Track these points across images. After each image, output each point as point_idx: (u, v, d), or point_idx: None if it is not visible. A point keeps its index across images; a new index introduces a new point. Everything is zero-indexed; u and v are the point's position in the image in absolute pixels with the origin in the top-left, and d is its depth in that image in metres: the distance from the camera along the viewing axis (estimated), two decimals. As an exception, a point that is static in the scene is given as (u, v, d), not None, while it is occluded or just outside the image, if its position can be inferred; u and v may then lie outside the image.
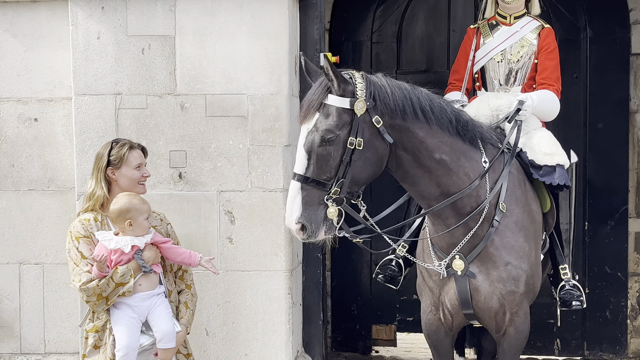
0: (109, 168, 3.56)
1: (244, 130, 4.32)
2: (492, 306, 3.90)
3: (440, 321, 4.03)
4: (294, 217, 3.38)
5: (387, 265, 4.52)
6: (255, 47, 4.30)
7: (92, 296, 3.39)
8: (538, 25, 4.72)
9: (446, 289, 3.92)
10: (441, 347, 4.17)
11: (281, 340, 4.36)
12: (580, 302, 4.29)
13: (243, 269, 4.36)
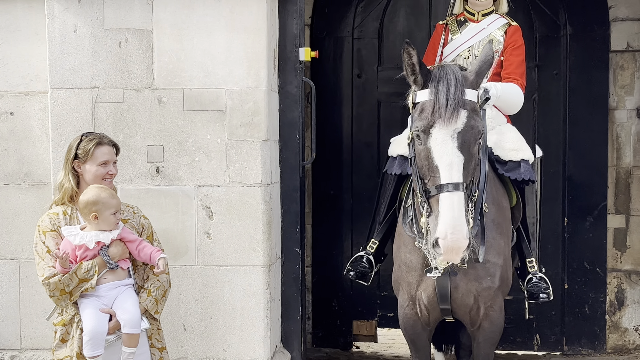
0: (76, 161, 3.52)
1: (222, 124, 4.29)
2: (469, 302, 3.93)
3: (417, 316, 4.04)
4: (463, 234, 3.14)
5: (358, 262, 4.54)
6: (234, 41, 4.26)
7: (55, 291, 3.34)
8: (505, 22, 4.76)
9: (424, 286, 3.93)
10: (418, 341, 4.18)
11: (259, 336, 4.33)
12: (547, 295, 4.33)
13: (221, 264, 4.33)
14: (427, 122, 3.26)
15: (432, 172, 3.26)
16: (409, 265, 3.95)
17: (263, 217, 4.29)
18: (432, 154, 3.25)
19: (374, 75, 6.56)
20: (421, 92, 3.38)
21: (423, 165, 3.31)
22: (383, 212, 4.53)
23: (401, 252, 4.01)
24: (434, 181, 3.24)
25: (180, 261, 4.33)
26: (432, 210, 3.25)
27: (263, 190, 4.29)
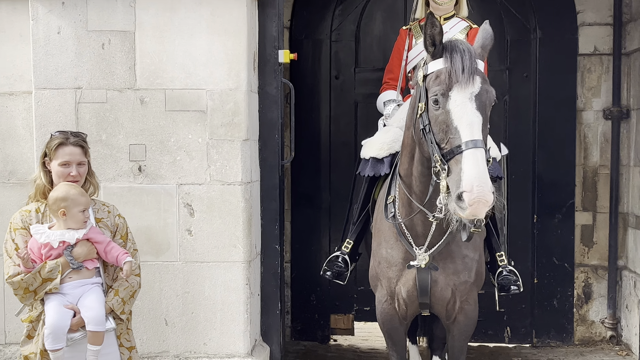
0: (46, 159, 3.48)
1: (203, 124, 4.28)
2: (446, 296, 3.95)
3: (395, 310, 4.06)
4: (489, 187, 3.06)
5: (334, 262, 4.55)
6: (215, 43, 4.25)
7: (19, 290, 3.31)
8: (466, 25, 4.82)
9: (404, 280, 3.95)
10: (395, 335, 4.20)
11: (239, 330, 4.33)
12: (517, 287, 4.38)
13: (202, 260, 4.32)
14: (445, 86, 3.25)
15: (451, 133, 3.21)
16: (390, 260, 3.97)
17: (243, 215, 4.29)
18: (452, 116, 3.22)
19: (351, 77, 6.58)
20: (435, 62, 3.37)
21: (440, 130, 3.26)
22: (357, 213, 4.56)
23: (382, 249, 4.01)
24: (453, 142, 3.19)
25: (162, 257, 4.32)
26: (452, 170, 3.17)
27: (243, 189, 4.29)
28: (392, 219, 3.92)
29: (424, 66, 3.46)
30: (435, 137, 3.28)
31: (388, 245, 3.97)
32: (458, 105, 3.21)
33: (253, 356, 4.38)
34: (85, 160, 3.50)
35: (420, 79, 3.45)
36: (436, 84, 3.30)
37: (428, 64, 3.42)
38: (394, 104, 4.76)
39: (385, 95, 4.87)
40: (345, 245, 4.57)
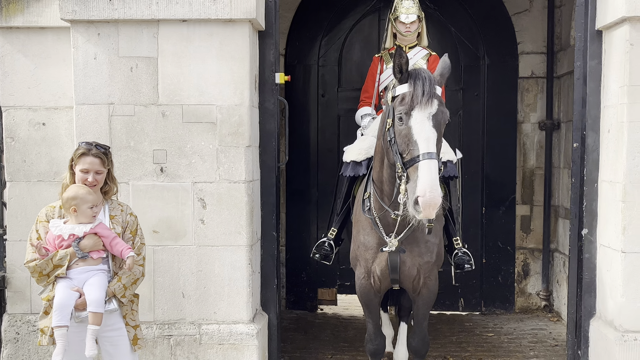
0: (72, 163, 3.42)
1: (213, 133, 4.24)
2: (413, 274, 3.96)
3: (371, 285, 4.06)
4: (438, 193, 3.07)
5: (322, 246, 4.57)
6: (223, 67, 4.21)
7: (34, 273, 3.28)
8: (427, 53, 4.84)
9: (378, 261, 3.96)
10: (371, 305, 4.20)
11: (243, 301, 4.30)
12: (470, 265, 4.40)
13: (212, 245, 4.28)
14: (408, 106, 3.23)
15: (410, 146, 3.19)
16: (367, 245, 3.97)
17: (246, 207, 4.26)
18: (412, 131, 3.20)
19: (335, 95, 6.57)
20: (401, 86, 3.35)
21: (402, 142, 3.23)
22: (339, 206, 4.57)
23: (360, 236, 4.01)
24: (412, 153, 3.18)
25: (180, 242, 4.28)
26: (410, 177, 3.16)
27: (246, 186, 4.26)
28: (367, 212, 3.92)
29: (392, 89, 3.44)
30: (398, 148, 3.27)
31: (365, 233, 3.98)
32: (418, 122, 3.20)
33: (254, 322, 4.35)
34: (102, 170, 3.41)
35: (389, 100, 3.44)
36: (402, 104, 3.29)
37: (396, 87, 3.40)
38: (369, 117, 4.78)
39: (362, 111, 4.88)
40: (330, 233, 4.58)
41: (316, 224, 6.43)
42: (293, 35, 6.52)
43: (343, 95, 6.46)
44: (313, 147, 6.57)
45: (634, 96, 4.05)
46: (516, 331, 5.99)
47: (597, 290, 4.43)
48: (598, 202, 4.40)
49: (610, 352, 4.16)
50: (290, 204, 6.60)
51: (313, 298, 6.66)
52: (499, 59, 6.42)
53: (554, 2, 6.33)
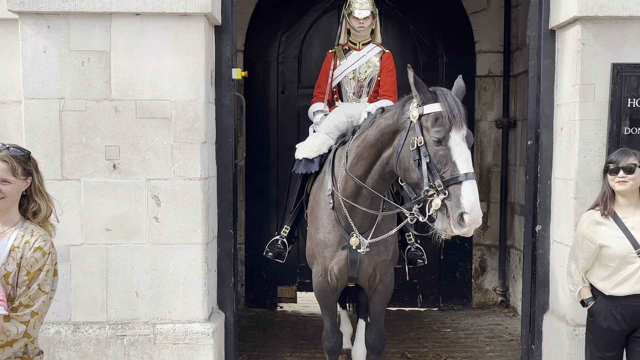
0: None
1: (168, 129, 4.14)
2: (369, 272, 3.95)
3: (328, 283, 4.03)
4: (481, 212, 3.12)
5: (274, 245, 4.53)
6: (178, 62, 4.12)
7: None
8: (380, 50, 4.84)
9: (336, 259, 3.93)
10: (328, 302, 4.17)
11: (198, 300, 4.21)
12: (422, 260, 4.41)
13: (167, 243, 4.19)
14: (447, 128, 3.20)
15: (449, 166, 3.18)
16: (326, 243, 3.93)
17: (202, 205, 4.18)
18: (452, 152, 3.18)
19: (295, 92, 6.52)
20: (430, 106, 3.28)
21: (439, 162, 3.21)
22: (292, 204, 4.52)
23: (319, 234, 3.96)
24: (453, 172, 3.16)
25: (134, 240, 4.18)
26: (451, 194, 3.13)
27: (202, 183, 4.17)
28: (332, 209, 3.88)
29: (417, 107, 3.31)
30: (435, 167, 3.22)
31: (326, 230, 3.93)
32: (457, 144, 3.19)
33: (210, 321, 4.28)
34: (10, 179, 2.61)
35: (414, 117, 3.32)
36: (437, 125, 3.23)
37: (423, 106, 3.29)
38: (322, 113, 4.75)
39: (315, 107, 4.85)
40: (283, 230, 4.54)
41: (276, 221, 6.35)
42: (252, 31, 6.44)
43: (303, 92, 6.40)
44: (273, 144, 6.51)
45: (586, 95, 4.10)
46: (473, 326, 6.04)
47: (551, 285, 4.49)
48: (551, 199, 4.45)
49: (562, 346, 4.22)
50: (250, 201, 6.53)
51: (273, 296, 6.60)
52: (457, 58, 6.46)
53: (510, 2, 6.40)
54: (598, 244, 3.37)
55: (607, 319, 3.34)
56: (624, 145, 3.97)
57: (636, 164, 3.33)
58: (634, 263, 3.28)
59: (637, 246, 3.27)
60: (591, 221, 3.44)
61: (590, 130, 4.12)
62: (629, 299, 3.30)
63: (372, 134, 3.62)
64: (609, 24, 4.07)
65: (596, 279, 3.42)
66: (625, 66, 4.05)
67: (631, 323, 3.32)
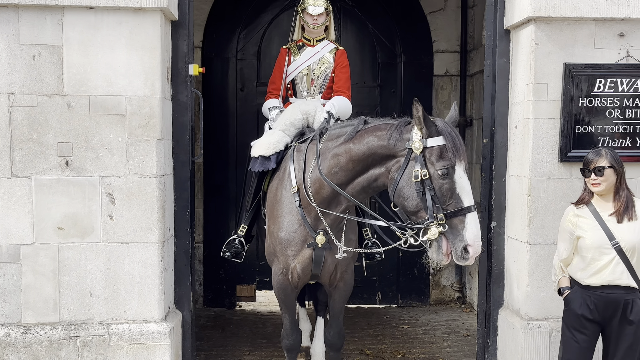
0: None
1: (122, 126, 4.05)
2: (331, 269, 3.95)
3: (289, 281, 4.01)
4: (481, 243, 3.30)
5: (232, 244, 4.49)
6: (133, 57, 4.04)
7: None
8: (334, 47, 4.88)
9: (300, 258, 3.91)
10: (288, 300, 4.15)
11: (154, 299, 4.14)
12: (380, 254, 4.43)
13: (122, 241, 4.10)
14: (451, 162, 3.28)
15: (453, 198, 3.27)
16: (291, 241, 3.90)
17: (158, 203, 4.10)
18: (456, 185, 3.28)
19: (254, 90, 6.48)
20: (435, 139, 3.33)
21: (443, 195, 3.28)
22: (249, 202, 4.48)
23: (282, 232, 3.92)
24: (457, 205, 3.26)
25: (87, 239, 4.08)
26: (454, 227, 3.25)
27: (158, 180, 4.10)
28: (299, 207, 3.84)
29: (422, 139, 3.34)
30: (439, 200, 3.28)
31: (290, 229, 3.90)
32: (460, 177, 3.29)
33: (167, 321, 4.21)
34: None
35: (417, 150, 3.34)
36: (443, 159, 3.29)
37: (427, 139, 3.33)
38: (277, 110, 4.73)
39: (270, 103, 4.84)
40: (240, 230, 4.51)
41: (235, 219, 6.28)
42: (210, 28, 6.37)
43: (262, 89, 6.28)
44: (232, 142, 6.46)
45: (539, 94, 4.19)
46: (431, 322, 6.10)
47: (505, 280, 4.57)
48: (506, 196, 4.53)
49: (517, 340, 4.30)
50: (208, 199, 6.46)
51: (231, 295, 6.55)
52: (415, 57, 6.52)
53: (467, 2, 6.49)
54: (576, 235, 3.47)
55: (581, 307, 3.44)
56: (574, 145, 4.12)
57: (605, 166, 3.41)
58: (608, 254, 3.38)
59: (611, 238, 3.37)
60: (572, 215, 3.54)
61: (543, 128, 4.21)
62: (602, 289, 3.40)
63: (360, 150, 3.58)
64: (561, 24, 4.16)
65: (574, 269, 3.52)
66: (576, 66, 4.15)
67: (603, 314, 3.42)
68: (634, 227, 3.38)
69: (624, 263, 3.36)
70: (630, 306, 3.38)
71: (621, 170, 3.44)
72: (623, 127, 4.21)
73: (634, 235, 3.36)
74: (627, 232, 3.37)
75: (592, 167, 3.43)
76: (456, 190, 3.28)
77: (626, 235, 3.36)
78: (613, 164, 3.41)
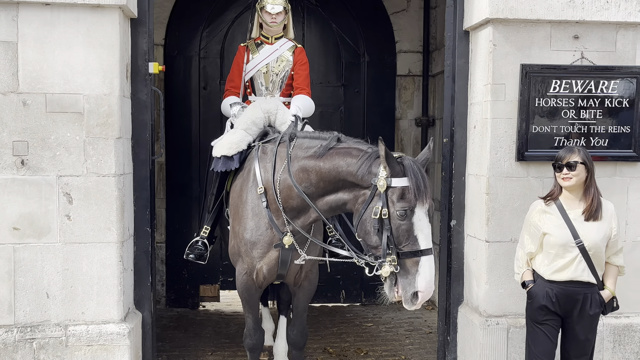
0: None
1: (80, 124, 4.00)
2: (297, 269, 3.96)
3: (253, 281, 4.00)
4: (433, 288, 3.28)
5: (195, 246, 4.44)
6: (91, 54, 3.99)
7: None
8: (292, 45, 4.89)
9: (266, 259, 3.90)
10: (252, 300, 4.15)
11: (114, 300, 4.10)
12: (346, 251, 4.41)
13: (80, 242, 4.05)
14: (412, 204, 3.26)
15: (410, 240, 3.26)
16: (256, 243, 3.88)
17: (117, 202, 4.06)
18: (414, 227, 3.26)
19: (217, 88, 6.44)
20: (399, 180, 3.31)
21: (401, 235, 3.27)
22: (212, 203, 4.45)
23: (247, 233, 3.89)
24: (413, 247, 3.25)
25: (44, 240, 4.01)
26: (408, 269, 3.24)
27: (117, 180, 4.06)
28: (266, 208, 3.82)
29: (386, 178, 3.32)
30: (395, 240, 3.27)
31: (256, 230, 3.88)
32: (420, 219, 3.28)
33: (126, 322, 4.17)
34: None
35: (382, 188, 3.32)
36: (404, 200, 3.28)
37: (391, 178, 3.32)
38: (239, 105, 4.70)
39: (230, 99, 4.81)
40: (203, 231, 4.46)
41: (198, 219, 6.18)
42: (173, 25, 6.32)
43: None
44: (194, 141, 6.42)
45: (497, 94, 4.27)
46: (394, 320, 6.16)
47: (465, 278, 4.65)
48: (465, 194, 4.61)
49: (475, 337, 4.38)
50: (171, 199, 6.41)
51: (195, 295, 6.51)
52: (378, 57, 6.57)
53: (429, 3, 6.57)
54: (542, 231, 3.55)
55: (544, 299, 3.54)
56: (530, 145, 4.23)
57: (578, 161, 3.50)
58: (571, 252, 3.49)
59: (576, 236, 3.48)
60: (539, 210, 3.63)
61: (501, 128, 4.30)
62: (565, 284, 3.51)
63: (329, 172, 3.57)
64: (518, 26, 4.25)
65: (538, 264, 3.61)
66: (533, 67, 4.24)
67: (564, 306, 3.53)
68: (597, 226, 3.50)
69: (585, 261, 3.48)
70: (590, 301, 3.52)
71: (592, 168, 3.55)
72: (578, 127, 4.32)
73: (597, 234, 3.49)
74: (591, 232, 3.48)
75: (564, 162, 3.53)
76: (414, 231, 3.27)
77: (590, 234, 3.48)
78: (585, 161, 3.52)
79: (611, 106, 4.33)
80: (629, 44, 4.32)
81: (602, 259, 3.55)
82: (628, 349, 4.42)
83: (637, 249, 4.40)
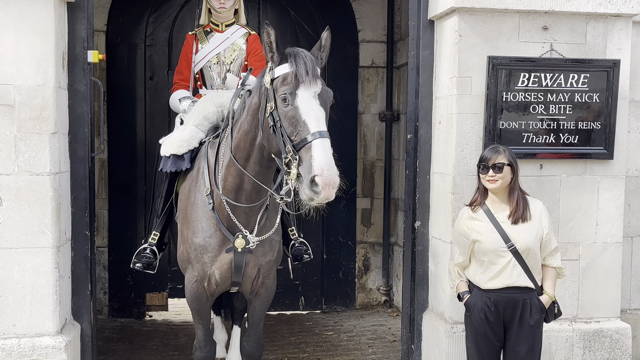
0: None
1: (10, 118, 3.90)
2: (253, 275, 3.91)
3: (204, 289, 3.93)
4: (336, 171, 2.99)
5: (143, 254, 4.34)
6: (22, 41, 3.90)
7: None
8: (245, 32, 4.85)
9: (218, 264, 3.83)
10: (202, 310, 4.08)
11: (49, 310, 4.02)
12: (308, 255, 4.43)
13: (11, 247, 3.96)
14: (292, 86, 3.14)
15: (299, 127, 3.08)
16: (207, 247, 3.80)
17: (52, 203, 3.98)
18: (300, 111, 3.10)
19: (165, 78, 6.37)
20: (281, 67, 3.23)
21: (289, 125, 3.12)
22: (160, 207, 4.37)
23: (197, 237, 3.82)
24: (302, 134, 3.06)
25: (-30, 245, 3.91)
26: (303, 159, 3.03)
27: (52, 179, 3.97)
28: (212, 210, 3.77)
29: (269, 71, 3.28)
30: (286, 131, 3.15)
31: (205, 234, 3.81)
32: (305, 101, 3.13)
33: (63, 334, 4.09)
34: None
35: (267, 83, 3.29)
36: (284, 84, 3.18)
37: (274, 69, 3.26)
38: (189, 100, 4.65)
39: (179, 93, 4.75)
40: (152, 238, 4.35)
41: (143, 220, 6.18)
42: (116, 10, 6.22)
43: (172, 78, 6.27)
44: (140, 136, 6.34)
45: (463, 88, 4.33)
46: (356, 328, 6.21)
47: (430, 283, 4.70)
48: (430, 194, 4.67)
49: (440, 345, 4.44)
50: (114, 199, 6.31)
51: (140, 304, 6.43)
52: (339, 47, 6.56)
53: (394, -10, 6.62)
54: (471, 239, 3.58)
55: (482, 311, 3.57)
56: (498, 141, 4.25)
57: (504, 163, 3.56)
58: (504, 257, 3.53)
59: (507, 240, 3.52)
60: (466, 217, 3.66)
61: (467, 124, 4.36)
62: (502, 291, 3.55)
63: (246, 120, 3.56)
64: (485, 16, 4.32)
65: (472, 273, 3.65)
66: (500, 59, 4.31)
67: (503, 313, 3.57)
68: (528, 227, 3.56)
69: (520, 265, 3.53)
70: (529, 307, 3.55)
71: (517, 169, 3.61)
72: (547, 123, 4.42)
73: (528, 236, 3.54)
74: (522, 234, 3.54)
75: (490, 164, 3.57)
76: (301, 116, 3.11)
77: (521, 236, 3.53)
78: (511, 162, 3.58)
79: (581, 101, 4.43)
80: (599, 36, 4.43)
81: (538, 261, 3.59)
82: (598, 355, 4.55)
83: (608, 251, 4.52)
